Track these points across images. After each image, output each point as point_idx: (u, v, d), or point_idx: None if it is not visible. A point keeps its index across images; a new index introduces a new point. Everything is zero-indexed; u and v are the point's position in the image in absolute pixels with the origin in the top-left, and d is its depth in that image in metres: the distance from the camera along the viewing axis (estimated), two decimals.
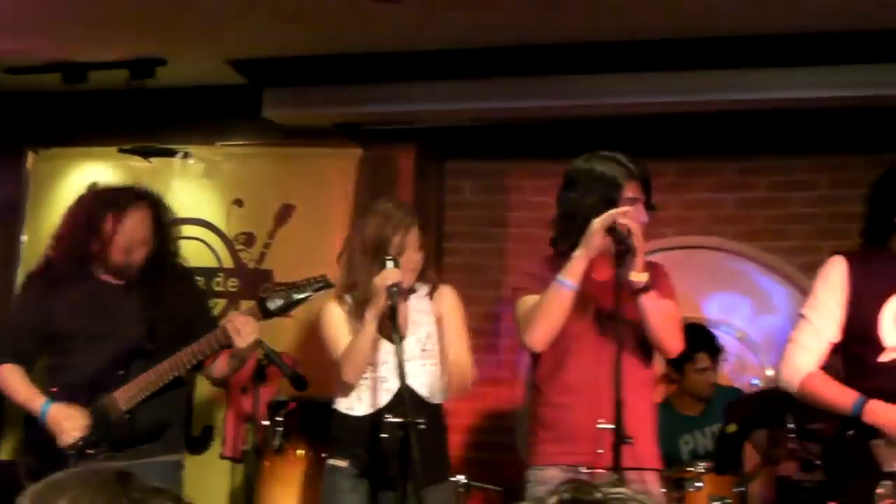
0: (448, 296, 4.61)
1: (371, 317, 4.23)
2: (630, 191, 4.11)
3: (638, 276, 4.02)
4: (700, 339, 5.80)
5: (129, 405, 4.47)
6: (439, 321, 4.53)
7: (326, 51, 6.03)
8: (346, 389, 4.44)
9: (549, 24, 5.54)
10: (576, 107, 6.06)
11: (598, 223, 3.91)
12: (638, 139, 6.29)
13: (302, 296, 4.49)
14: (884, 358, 3.86)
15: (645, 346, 4.16)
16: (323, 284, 4.48)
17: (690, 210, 6.67)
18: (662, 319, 4.08)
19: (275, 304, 4.49)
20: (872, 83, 5.70)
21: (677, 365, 5.74)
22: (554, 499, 1.48)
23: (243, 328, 4.38)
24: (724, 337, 6.20)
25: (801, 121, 6.23)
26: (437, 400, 4.47)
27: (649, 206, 4.18)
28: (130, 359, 4.53)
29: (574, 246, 4.08)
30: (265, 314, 4.49)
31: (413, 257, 4.44)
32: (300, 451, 5.31)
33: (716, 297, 6.55)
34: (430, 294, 4.57)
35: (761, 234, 6.58)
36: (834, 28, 5.54)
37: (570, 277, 3.97)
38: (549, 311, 4.04)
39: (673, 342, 4.19)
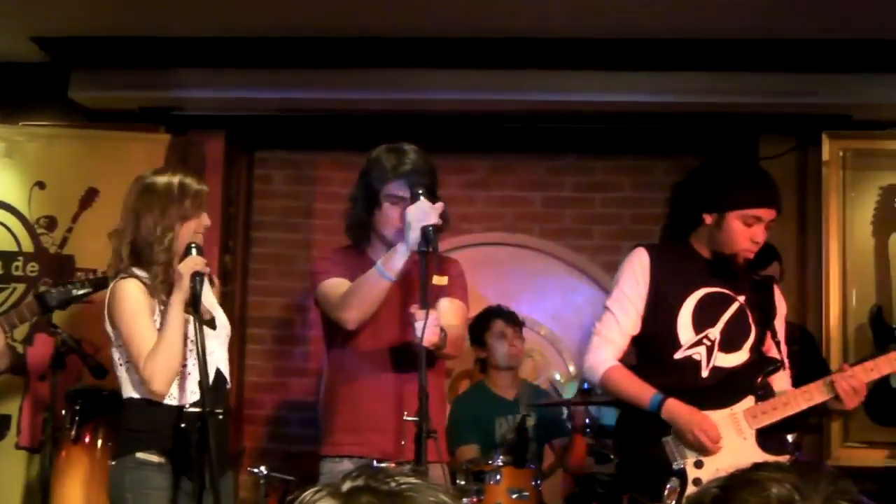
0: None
1: (176, 301, 3.99)
2: (393, 188, 4.11)
3: (439, 280, 4.10)
4: (493, 310, 5.88)
5: None
6: None
7: (136, 32, 5.90)
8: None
9: (363, 17, 5.56)
10: (387, 100, 6.10)
11: (413, 218, 3.90)
12: (450, 135, 6.38)
13: (81, 292, 4.49)
14: (679, 355, 3.98)
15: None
16: (102, 281, 4.37)
17: (499, 207, 6.78)
18: (452, 349, 4.13)
19: (53, 299, 4.42)
20: (674, 90, 5.91)
21: (479, 341, 5.78)
22: (348, 484, 1.48)
23: None
24: (528, 333, 6.29)
25: (608, 123, 6.39)
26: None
27: (429, 198, 4.05)
28: None
29: (359, 236, 4.22)
30: (44, 310, 4.39)
31: (203, 224, 4.19)
32: (99, 442, 5.20)
33: (521, 294, 6.65)
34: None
35: (567, 232, 6.73)
36: (639, 35, 5.71)
37: (390, 270, 3.96)
38: (366, 297, 4.02)
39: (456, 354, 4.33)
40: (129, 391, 4.12)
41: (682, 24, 5.54)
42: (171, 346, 3.97)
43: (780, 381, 4.05)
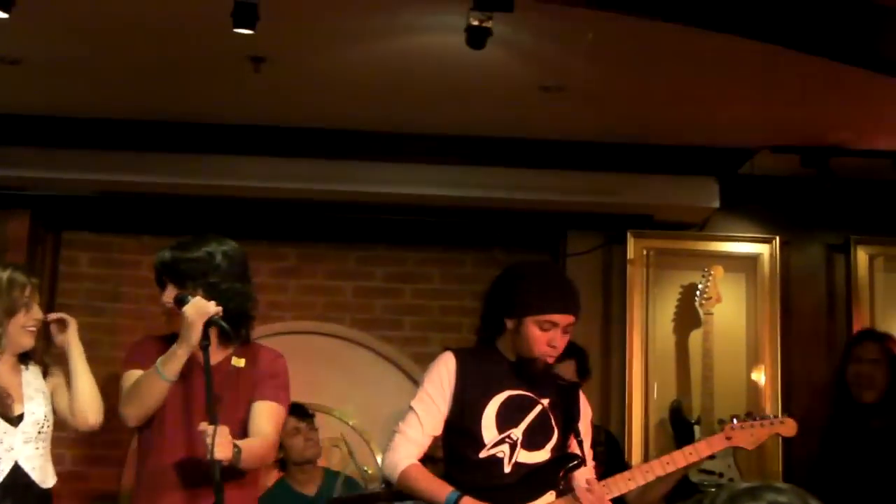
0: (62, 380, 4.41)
1: None
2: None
3: (237, 361, 4.04)
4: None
5: None
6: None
7: None
8: None
9: (173, 102, 5.53)
10: (198, 185, 6.06)
11: (194, 316, 3.84)
12: (260, 221, 6.36)
13: None
14: (483, 454, 3.99)
15: (244, 433, 4.07)
16: None
17: (309, 295, 6.77)
18: (256, 462, 4.04)
19: None
20: (482, 185, 6.03)
21: None
22: None
23: None
24: (337, 423, 6.26)
25: (418, 215, 6.47)
26: (48, 485, 4.23)
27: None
28: None
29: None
30: None
31: (32, 318, 4.26)
32: None
33: (331, 384, 6.62)
34: (45, 373, 4.35)
35: (377, 322, 6.75)
36: (449, 132, 5.83)
37: (166, 370, 3.87)
38: (144, 397, 3.93)
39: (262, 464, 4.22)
40: None
41: (491, 121, 5.66)
42: None
43: (583, 477, 4.11)
